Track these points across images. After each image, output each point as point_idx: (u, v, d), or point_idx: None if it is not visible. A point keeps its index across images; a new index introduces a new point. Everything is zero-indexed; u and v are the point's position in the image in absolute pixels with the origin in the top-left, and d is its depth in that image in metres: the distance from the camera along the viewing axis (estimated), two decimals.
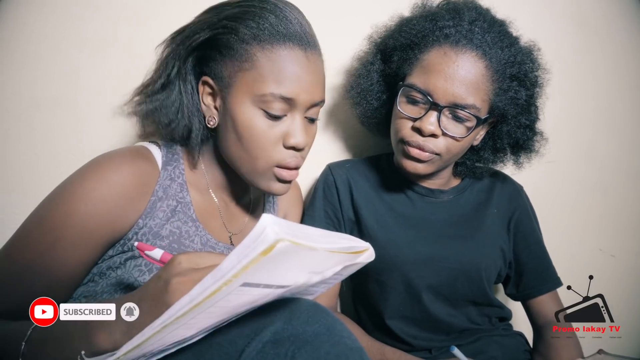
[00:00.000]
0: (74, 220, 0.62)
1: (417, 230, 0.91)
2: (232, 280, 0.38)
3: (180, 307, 0.39)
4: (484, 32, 0.81)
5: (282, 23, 0.66)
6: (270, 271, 0.39)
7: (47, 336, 0.53)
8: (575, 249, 1.29)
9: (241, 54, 0.67)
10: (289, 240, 0.37)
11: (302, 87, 0.67)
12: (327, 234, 0.45)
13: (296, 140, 0.69)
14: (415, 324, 0.91)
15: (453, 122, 0.82)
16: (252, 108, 0.68)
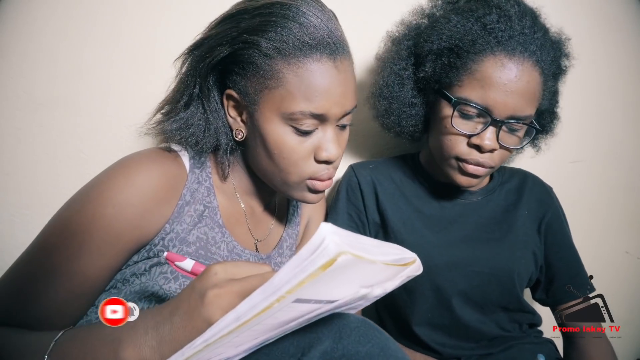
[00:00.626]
0: (100, 223, 0.59)
1: (446, 233, 0.88)
2: (286, 297, 0.35)
3: (225, 324, 0.37)
4: (533, 33, 0.75)
5: (307, 31, 0.61)
6: (325, 286, 0.36)
7: (72, 350, 0.50)
8: (600, 252, 1.25)
9: (266, 70, 0.63)
10: (350, 253, 0.33)
11: (333, 101, 0.64)
12: (378, 243, 0.42)
13: (328, 154, 0.66)
14: (444, 331, 0.87)
15: (508, 134, 0.79)
16: (281, 125, 0.64)
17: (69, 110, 0.95)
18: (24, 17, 0.91)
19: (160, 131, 0.70)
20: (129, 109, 0.96)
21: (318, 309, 0.40)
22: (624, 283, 1.27)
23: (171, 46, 0.74)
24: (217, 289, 0.44)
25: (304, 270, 0.34)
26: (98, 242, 0.59)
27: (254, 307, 0.36)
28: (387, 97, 0.87)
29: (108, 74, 0.95)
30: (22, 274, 0.59)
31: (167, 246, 0.65)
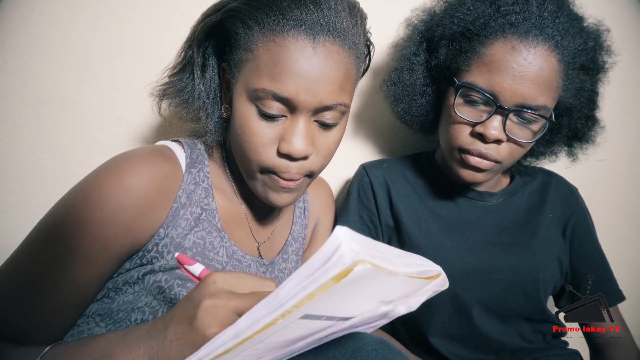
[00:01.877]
0: (88, 229, 0.54)
1: (465, 237, 0.82)
2: (292, 312, 0.30)
3: (222, 341, 0.33)
4: (554, 18, 0.69)
5: (295, 7, 0.56)
6: (338, 300, 0.31)
7: None
8: (627, 255, 1.19)
9: (244, 41, 0.59)
10: (369, 262, 0.28)
11: (302, 86, 0.56)
12: (401, 253, 0.36)
13: (289, 146, 0.59)
14: (462, 343, 0.81)
15: (518, 126, 0.72)
16: (247, 103, 0.59)
17: (66, 108, 0.91)
18: (28, 17, 0.88)
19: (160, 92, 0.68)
20: (131, 108, 0.93)
21: (330, 326, 0.35)
22: None
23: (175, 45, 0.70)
24: (214, 299, 0.41)
25: (315, 281, 0.29)
26: (86, 249, 0.55)
27: (255, 322, 0.31)
28: (396, 83, 0.83)
29: (110, 74, 0.91)
30: (6, 283, 0.55)
31: (161, 252, 0.60)
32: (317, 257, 0.29)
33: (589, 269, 0.86)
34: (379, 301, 0.35)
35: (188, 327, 0.41)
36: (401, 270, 0.33)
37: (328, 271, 0.28)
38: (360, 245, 0.29)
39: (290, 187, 0.63)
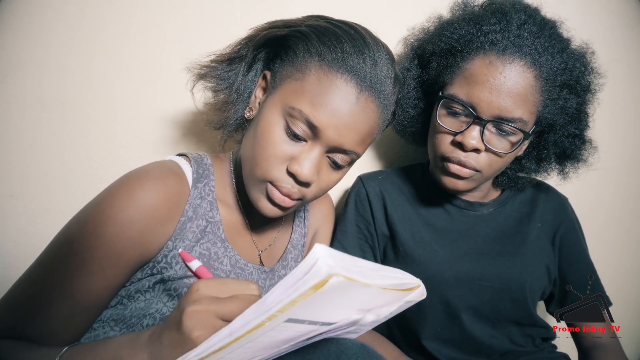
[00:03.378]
0: (102, 242, 0.59)
1: (456, 246, 0.86)
2: (277, 315, 0.35)
3: (218, 339, 0.38)
4: (534, 37, 0.74)
5: (355, 57, 0.62)
6: (318, 307, 0.36)
7: None
8: (622, 262, 1.22)
9: (300, 63, 0.65)
10: (342, 275, 0.33)
11: (333, 123, 0.62)
12: (378, 267, 0.41)
13: (299, 168, 0.64)
14: (454, 346, 0.86)
15: (497, 137, 0.76)
16: (278, 116, 0.64)
17: (65, 112, 0.96)
18: (37, 26, 0.93)
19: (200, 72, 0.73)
20: (139, 117, 0.98)
21: (314, 330, 0.40)
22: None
23: (182, 54, 0.76)
24: (196, 305, 0.45)
25: (297, 289, 0.34)
26: (100, 260, 0.59)
27: (246, 324, 0.36)
28: None
29: (120, 83, 0.96)
30: (27, 289, 0.60)
31: (170, 263, 0.64)
32: (298, 270, 0.34)
33: (577, 276, 0.90)
34: (358, 309, 0.39)
35: (176, 332, 0.45)
36: (375, 282, 0.38)
37: (307, 282, 0.33)
38: (337, 260, 0.34)
39: (283, 205, 0.67)
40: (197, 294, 0.46)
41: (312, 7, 0.85)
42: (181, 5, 0.95)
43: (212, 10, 0.96)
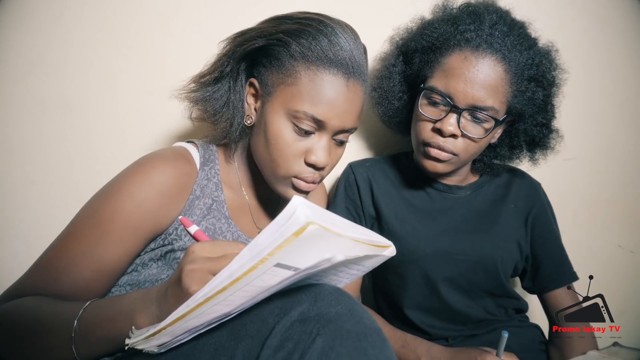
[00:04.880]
0: (121, 216, 0.68)
1: (435, 224, 0.95)
2: (268, 259, 0.42)
3: (220, 280, 0.44)
4: (504, 36, 0.83)
5: (333, 48, 0.70)
6: (300, 253, 0.43)
7: (97, 317, 0.59)
8: (594, 246, 1.30)
9: (287, 68, 0.72)
10: (318, 224, 0.40)
11: (335, 113, 0.72)
12: (352, 224, 0.49)
13: (317, 158, 0.74)
14: (433, 314, 0.95)
15: (472, 124, 0.85)
16: (284, 120, 0.73)
17: (67, 111, 1.04)
18: (57, 28, 1.01)
19: (188, 97, 0.79)
20: (133, 110, 1.06)
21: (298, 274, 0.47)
22: (617, 275, 1.31)
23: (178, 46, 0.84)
24: (192, 264, 0.51)
25: (281, 235, 0.41)
26: (119, 232, 0.68)
27: (242, 265, 0.43)
28: (377, 89, 0.99)
29: (112, 76, 1.04)
30: (55, 256, 0.68)
31: (179, 235, 0.73)
32: (280, 217, 0.41)
33: (547, 253, 0.99)
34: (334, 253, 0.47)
35: (178, 288, 0.51)
36: (348, 234, 0.46)
37: (289, 228, 0.40)
38: (313, 211, 0.42)
39: (309, 190, 0.77)
40: (193, 255, 0.52)
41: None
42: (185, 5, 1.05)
43: (213, 10, 1.06)
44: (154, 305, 0.55)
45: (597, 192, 1.30)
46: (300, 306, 0.47)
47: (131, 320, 0.55)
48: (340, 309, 0.47)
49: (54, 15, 1.01)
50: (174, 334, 0.49)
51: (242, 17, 0.87)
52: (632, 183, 1.30)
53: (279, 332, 0.45)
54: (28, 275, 0.68)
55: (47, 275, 0.67)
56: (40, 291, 0.66)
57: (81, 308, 0.60)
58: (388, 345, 0.47)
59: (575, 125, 1.25)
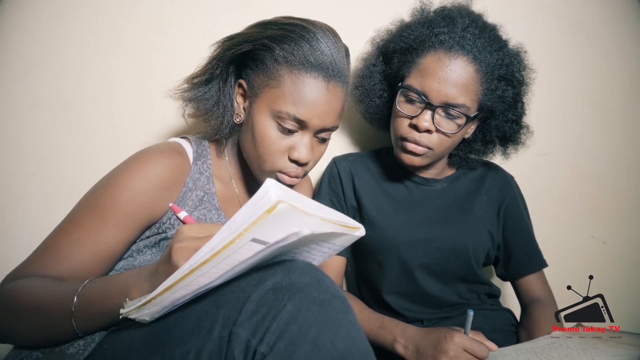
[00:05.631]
0: (118, 205, 0.73)
1: (412, 215, 1.02)
2: (244, 234, 0.47)
3: (203, 254, 0.50)
4: (475, 38, 0.89)
5: (314, 53, 0.76)
6: (272, 229, 0.48)
7: (94, 293, 0.64)
8: (568, 237, 1.37)
9: (272, 72, 0.78)
10: (288, 203, 0.46)
11: (315, 113, 0.77)
12: (323, 207, 0.55)
13: (299, 155, 0.79)
14: (410, 299, 1.01)
15: (445, 120, 0.91)
16: (269, 119, 0.79)
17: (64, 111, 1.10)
18: (56, 30, 1.07)
19: (182, 97, 0.85)
20: (130, 110, 1.12)
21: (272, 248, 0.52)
22: (590, 265, 1.38)
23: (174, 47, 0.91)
24: (180, 243, 0.57)
25: (255, 213, 0.47)
26: (116, 219, 0.73)
27: (222, 239, 0.49)
28: (359, 87, 1.05)
29: (109, 76, 1.10)
30: (58, 240, 0.73)
31: (172, 224, 0.79)
32: (255, 197, 0.47)
33: (518, 242, 1.05)
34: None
35: (168, 264, 0.56)
36: (316, 213, 0.52)
37: (262, 206, 0.46)
38: (284, 192, 0.47)
39: (293, 184, 0.83)
40: (182, 235, 0.58)
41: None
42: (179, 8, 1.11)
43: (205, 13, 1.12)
44: (147, 282, 0.61)
45: (570, 186, 1.37)
46: (274, 277, 0.53)
47: (126, 295, 0.61)
48: (309, 279, 0.53)
49: (54, 17, 1.07)
50: (163, 304, 0.55)
51: (232, 19, 0.93)
52: (604, 177, 1.37)
53: (254, 300, 0.51)
54: (31, 258, 0.73)
55: (49, 259, 0.72)
56: (43, 273, 0.71)
57: (80, 285, 0.65)
58: (351, 311, 0.53)
59: (550, 123, 1.32)
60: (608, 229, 1.40)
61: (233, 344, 0.50)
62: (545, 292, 1.06)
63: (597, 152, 1.36)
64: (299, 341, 0.48)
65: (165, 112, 1.13)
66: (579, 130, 1.35)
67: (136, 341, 0.59)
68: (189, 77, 0.86)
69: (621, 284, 1.37)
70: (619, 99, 1.35)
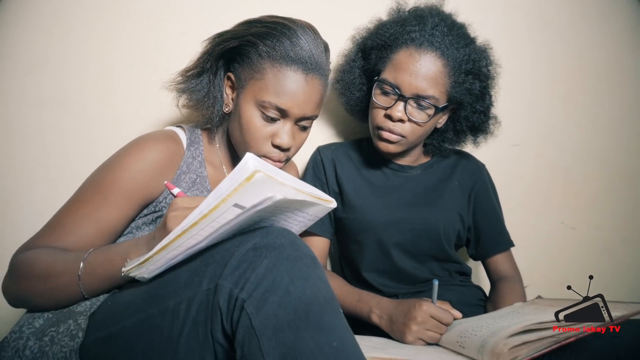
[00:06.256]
0: (119, 184, 0.82)
1: (389, 198, 1.10)
2: (227, 199, 0.56)
3: (193, 217, 0.58)
4: (444, 36, 0.98)
5: (294, 49, 0.84)
6: (252, 195, 0.56)
7: (98, 258, 0.73)
8: (538, 223, 1.46)
9: (256, 65, 0.86)
10: (264, 172, 0.54)
11: (295, 103, 0.86)
12: (298, 180, 0.63)
13: (281, 141, 0.88)
14: (386, 275, 1.10)
15: (417, 110, 1.00)
16: (254, 108, 0.87)
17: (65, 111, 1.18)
18: (60, 27, 1.15)
19: (176, 88, 0.94)
20: (130, 108, 1.21)
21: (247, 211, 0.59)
22: (560, 249, 1.48)
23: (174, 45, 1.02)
24: (174, 212, 0.66)
25: (237, 181, 0.55)
26: (117, 198, 0.82)
27: (209, 205, 0.57)
28: (339, 81, 1.14)
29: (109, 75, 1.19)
30: (65, 216, 0.82)
31: (168, 204, 0.87)
32: (236, 168, 0.55)
33: (487, 224, 1.15)
34: None
35: (163, 230, 0.65)
36: (290, 184, 0.61)
37: (242, 175, 0.54)
38: (261, 164, 0.55)
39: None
40: (175, 206, 0.66)
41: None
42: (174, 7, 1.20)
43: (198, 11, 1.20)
44: (144, 247, 0.70)
45: (541, 174, 1.46)
46: (255, 239, 0.62)
47: (125, 257, 0.69)
48: (284, 240, 0.62)
49: (58, 16, 1.15)
50: (158, 263, 0.64)
51: (224, 17, 1.01)
52: (572, 166, 1.46)
53: (237, 257, 0.60)
54: (41, 232, 0.82)
55: (57, 233, 0.80)
56: (51, 245, 0.79)
57: (86, 253, 0.74)
58: (319, 267, 0.62)
59: (521, 116, 1.41)
60: (577, 215, 1.48)
61: (219, 293, 0.59)
62: (512, 270, 1.15)
63: (566, 143, 1.45)
64: (273, 289, 0.56)
65: (161, 104, 1.21)
66: (549, 122, 1.44)
67: (136, 297, 0.68)
68: (183, 70, 0.94)
69: (589, 268, 1.46)
70: (586, 93, 1.44)
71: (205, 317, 0.60)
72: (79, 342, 0.67)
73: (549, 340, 0.71)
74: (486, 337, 0.76)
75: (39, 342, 0.70)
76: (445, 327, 0.89)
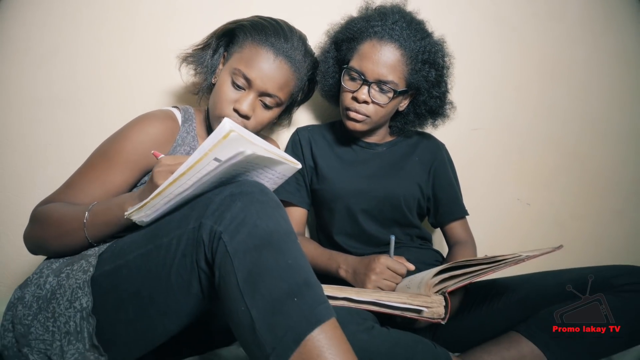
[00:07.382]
0: (123, 153, 0.97)
1: (357, 171, 1.26)
2: (208, 153, 0.70)
3: (182, 168, 0.72)
4: (402, 30, 1.14)
5: (273, 37, 1.05)
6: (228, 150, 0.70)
7: (100, 208, 0.87)
8: (497, 200, 1.61)
9: (241, 43, 1.06)
10: (238, 132, 0.69)
11: (259, 76, 1.03)
12: (268, 144, 0.79)
13: (239, 106, 1.04)
14: (354, 238, 1.26)
15: (379, 93, 1.16)
16: (227, 75, 1.05)
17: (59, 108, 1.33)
18: (64, 29, 1.30)
19: (184, 56, 1.15)
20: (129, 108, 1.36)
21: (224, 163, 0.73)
22: (516, 224, 1.63)
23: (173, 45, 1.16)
24: (159, 167, 0.79)
25: (216, 138, 0.69)
26: (121, 164, 0.97)
27: (194, 158, 0.71)
28: (317, 70, 1.27)
29: (107, 74, 1.34)
30: (77, 178, 0.97)
31: None
32: (216, 129, 0.69)
33: (443, 194, 1.30)
34: None
35: (151, 184, 0.78)
36: (260, 144, 0.76)
37: (220, 133, 0.69)
38: (236, 126, 0.70)
39: None
40: (160, 163, 0.79)
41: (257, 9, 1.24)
42: (175, 8, 1.35)
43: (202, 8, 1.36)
44: (137, 198, 0.84)
45: (499, 155, 1.61)
46: (231, 188, 0.76)
47: (122, 208, 0.84)
48: (254, 189, 0.77)
49: (69, 13, 1.31)
50: (154, 208, 0.79)
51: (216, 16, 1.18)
52: (527, 148, 1.61)
53: (216, 202, 0.75)
54: (56, 192, 0.97)
55: (69, 192, 0.96)
56: (65, 200, 0.94)
57: (91, 205, 0.89)
58: (282, 209, 0.77)
59: (481, 102, 1.57)
60: (531, 192, 1.63)
61: (202, 230, 0.73)
62: (467, 236, 1.31)
63: (521, 127, 1.61)
64: (244, 223, 0.71)
65: (162, 89, 1.38)
66: (506, 108, 1.59)
67: (137, 238, 0.83)
68: (194, 44, 1.16)
69: (543, 241, 1.62)
70: (537, 83, 1.60)
71: (191, 250, 0.75)
72: (90, 274, 0.82)
73: (474, 272, 0.86)
74: (424, 275, 0.92)
75: (57, 278, 0.85)
76: (400, 278, 1.04)
